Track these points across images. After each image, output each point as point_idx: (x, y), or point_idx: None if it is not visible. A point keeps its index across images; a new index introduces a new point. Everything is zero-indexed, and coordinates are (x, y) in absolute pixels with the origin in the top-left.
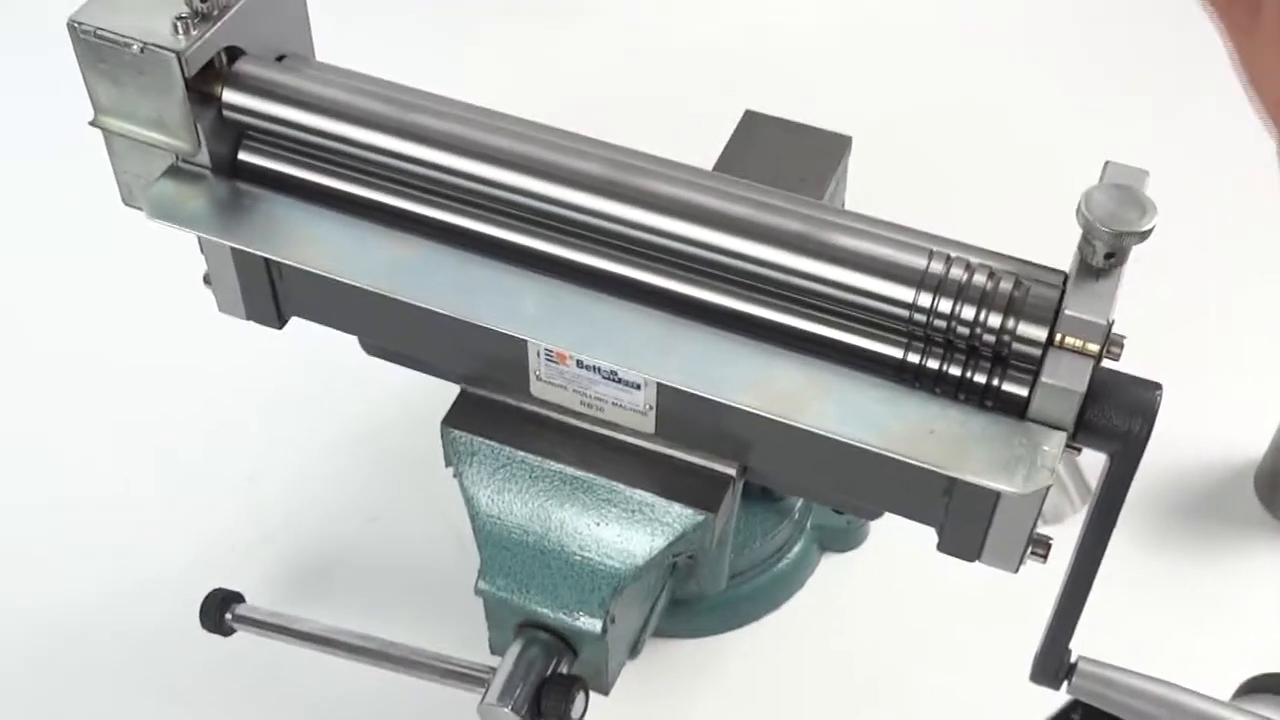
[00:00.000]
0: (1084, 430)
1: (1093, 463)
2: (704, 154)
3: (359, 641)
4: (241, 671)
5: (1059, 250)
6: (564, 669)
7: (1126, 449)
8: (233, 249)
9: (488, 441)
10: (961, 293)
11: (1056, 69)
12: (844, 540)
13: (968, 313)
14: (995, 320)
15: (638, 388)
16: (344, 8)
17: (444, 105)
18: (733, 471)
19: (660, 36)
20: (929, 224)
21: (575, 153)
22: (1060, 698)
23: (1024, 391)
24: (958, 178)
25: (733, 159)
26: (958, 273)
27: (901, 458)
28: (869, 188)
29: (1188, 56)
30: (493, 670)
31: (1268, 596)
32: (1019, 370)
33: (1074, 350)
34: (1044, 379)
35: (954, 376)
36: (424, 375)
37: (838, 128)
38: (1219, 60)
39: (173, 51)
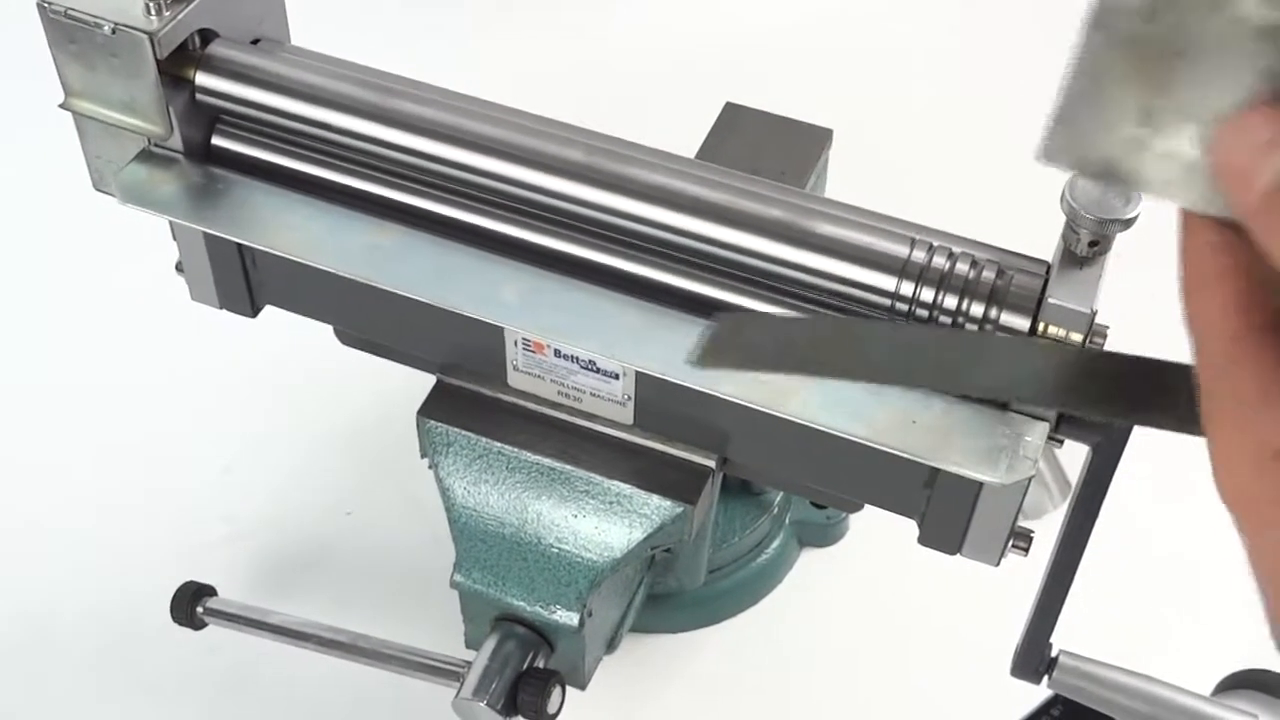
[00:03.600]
0: (1066, 421)
1: (1073, 458)
2: (684, 146)
3: (332, 635)
4: (213, 665)
5: (1042, 241)
6: (540, 663)
7: (1109, 441)
8: (205, 235)
9: (464, 432)
10: (944, 281)
11: (1038, 58)
12: (823, 535)
13: (950, 301)
14: (978, 309)
15: (616, 378)
16: None
17: (421, 90)
18: (712, 463)
19: (640, 28)
20: (911, 217)
21: (555, 139)
22: (1041, 692)
23: None
24: (939, 170)
25: (713, 151)
26: (940, 261)
27: (884, 448)
28: (850, 181)
29: None
30: (468, 664)
31: (1250, 592)
32: None
33: (1057, 340)
34: None
35: None
36: (400, 365)
37: (818, 120)
38: None
39: (145, 33)
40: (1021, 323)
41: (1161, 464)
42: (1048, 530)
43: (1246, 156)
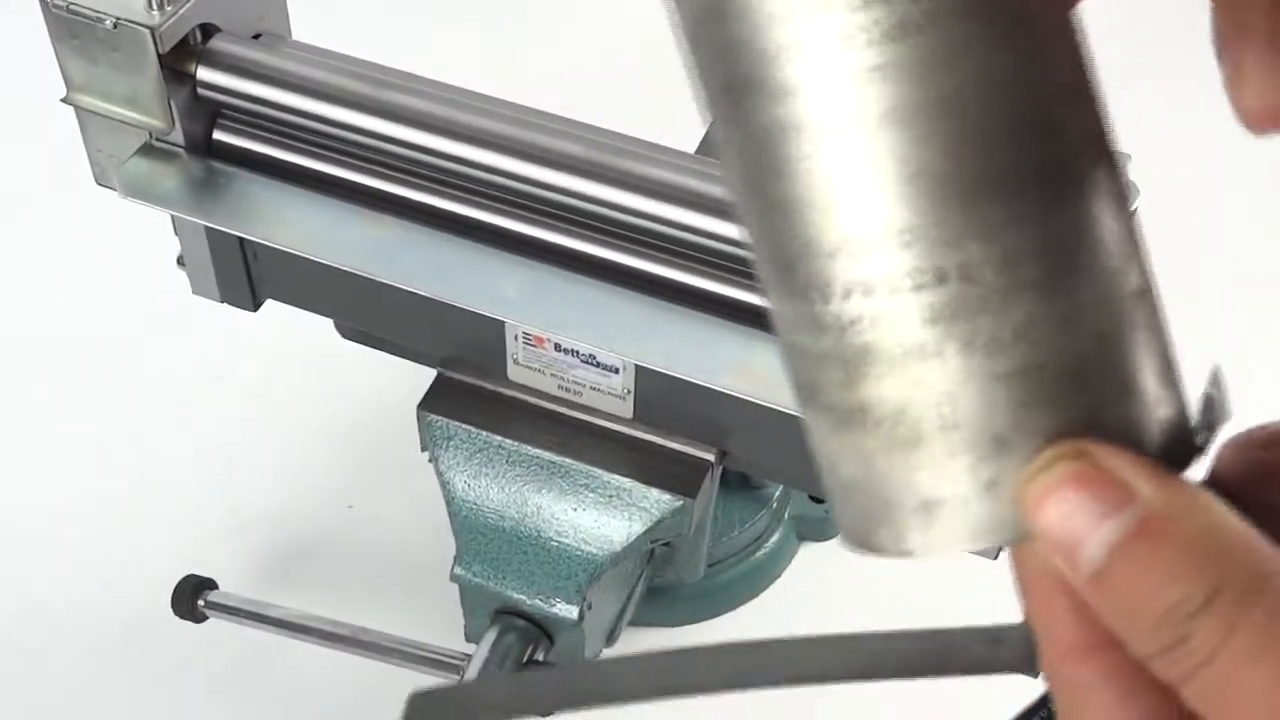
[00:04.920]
0: None
1: None
2: (683, 141)
3: (333, 628)
4: (214, 658)
5: None
6: (540, 656)
7: None
8: (206, 229)
9: (464, 426)
10: None
11: None
12: (822, 530)
13: None
14: None
15: (616, 372)
16: None
17: (422, 85)
18: (711, 457)
19: (640, 22)
20: None
21: (556, 133)
22: (1039, 686)
23: None
24: None
25: (713, 146)
26: None
27: None
28: None
29: (1173, 41)
30: (468, 657)
31: None
32: None
33: None
34: None
35: None
36: (400, 360)
37: None
38: (1204, 43)
39: (146, 27)
40: None
41: None
42: None
43: (1069, 533)
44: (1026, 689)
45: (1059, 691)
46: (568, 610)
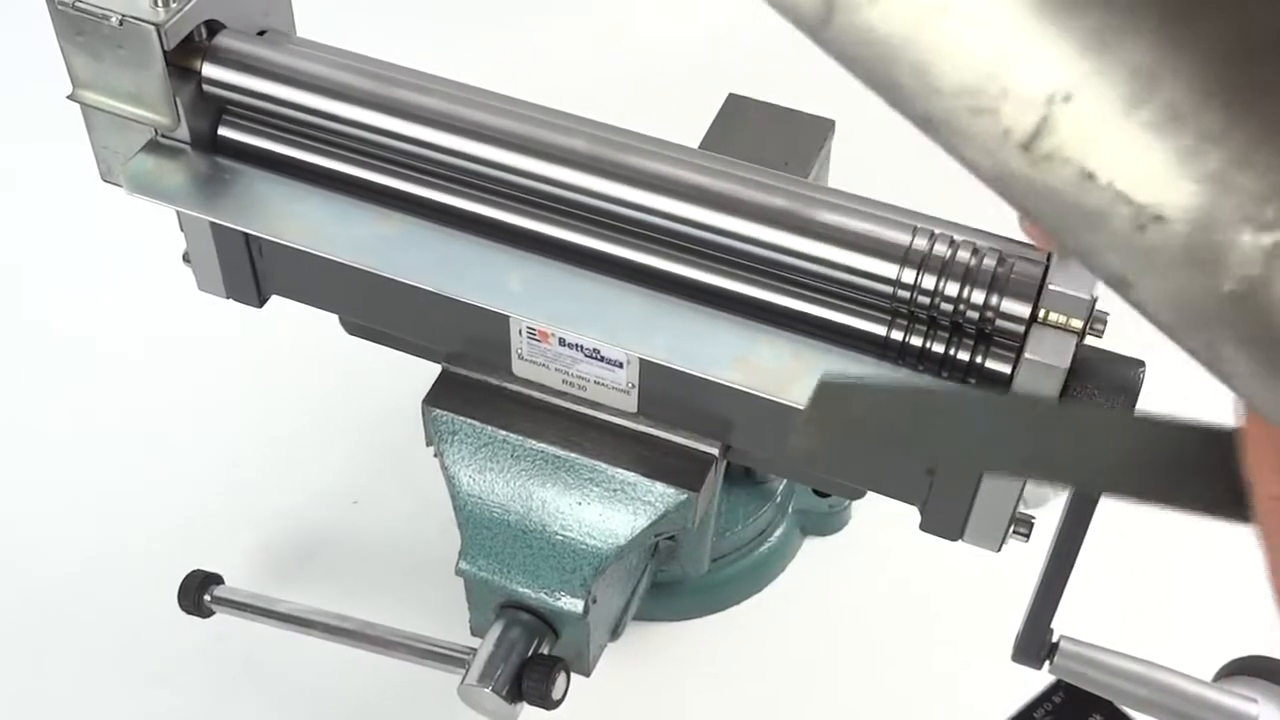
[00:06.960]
0: None
1: None
2: (687, 138)
3: (338, 623)
4: (221, 653)
5: None
6: (545, 650)
7: None
8: (212, 225)
9: (469, 421)
10: (945, 269)
11: None
12: (826, 524)
13: (951, 289)
14: (979, 296)
15: (620, 366)
16: None
17: (427, 81)
18: (715, 451)
19: (643, 20)
20: (913, 206)
21: (559, 129)
22: (1043, 678)
23: (1007, 369)
24: (941, 160)
25: (716, 142)
26: (941, 249)
27: None
28: (852, 171)
29: None
30: (473, 651)
31: (1252, 577)
32: (1002, 347)
33: (1057, 326)
34: (1027, 355)
35: (937, 354)
36: (405, 355)
37: (821, 111)
38: None
39: (152, 24)
40: (1022, 309)
41: None
42: (1049, 516)
43: None
44: (1023, 690)
45: (1267, 519)
46: (573, 604)
